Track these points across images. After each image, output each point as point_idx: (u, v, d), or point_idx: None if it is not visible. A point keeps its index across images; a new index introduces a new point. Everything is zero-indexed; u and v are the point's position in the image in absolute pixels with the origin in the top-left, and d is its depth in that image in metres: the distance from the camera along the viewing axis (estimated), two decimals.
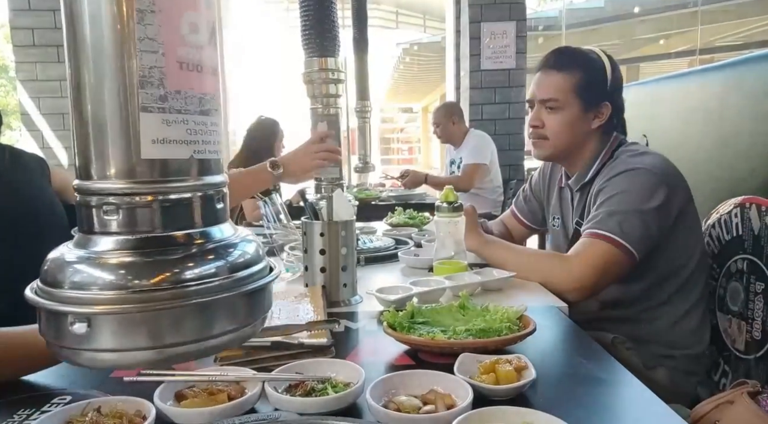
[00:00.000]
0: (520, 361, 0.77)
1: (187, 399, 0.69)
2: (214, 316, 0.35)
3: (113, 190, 0.34)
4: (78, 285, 0.34)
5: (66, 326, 0.33)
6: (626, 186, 1.25)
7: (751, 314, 1.26)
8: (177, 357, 0.35)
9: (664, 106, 1.80)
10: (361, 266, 1.52)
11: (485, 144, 3.57)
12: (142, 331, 0.33)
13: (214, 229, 0.38)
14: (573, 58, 1.37)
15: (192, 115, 0.36)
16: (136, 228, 0.35)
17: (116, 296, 0.33)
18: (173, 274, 0.34)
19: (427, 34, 11.24)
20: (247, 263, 0.38)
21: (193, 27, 0.35)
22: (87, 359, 0.34)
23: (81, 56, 0.34)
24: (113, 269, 0.34)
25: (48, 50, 3.63)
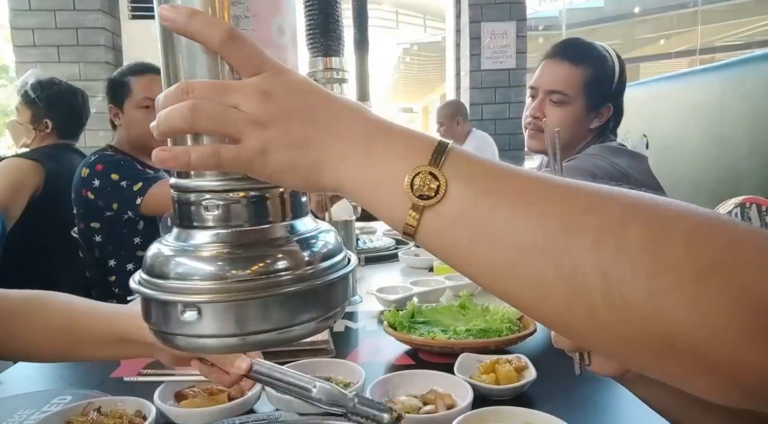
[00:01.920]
0: (520, 361, 0.77)
1: (187, 399, 0.69)
2: (301, 304, 0.37)
3: (211, 187, 0.37)
4: (182, 276, 0.36)
5: (176, 314, 0.35)
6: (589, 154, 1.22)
7: None
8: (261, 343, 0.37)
9: (664, 106, 1.79)
10: (361, 266, 1.52)
11: (486, 146, 3.57)
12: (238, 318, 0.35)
13: (299, 222, 0.40)
14: (586, 51, 1.32)
15: None
16: (230, 222, 0.37)
17: (218, 285, 0.35)
18: (266, 265, 0.36)
19: (428, 34, 11.24)
20: (329, 253, 0.40)
21: (280, 30, 0.38)
22: (191, 344, 0.36)
23: (178, 62, 0.36)
24: (213, 260, 0.36)
25: (48, 50, 3.62)
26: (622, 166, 1.18)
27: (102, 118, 1.87)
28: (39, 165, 1.80)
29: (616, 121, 1.39)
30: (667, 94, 1.82)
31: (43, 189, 1.80)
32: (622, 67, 1.33)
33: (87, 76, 3.57)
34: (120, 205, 1.64)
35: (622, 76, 1.33)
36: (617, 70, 1.32)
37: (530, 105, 1.37)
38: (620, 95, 1.35)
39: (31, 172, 1.79)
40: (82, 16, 3.59)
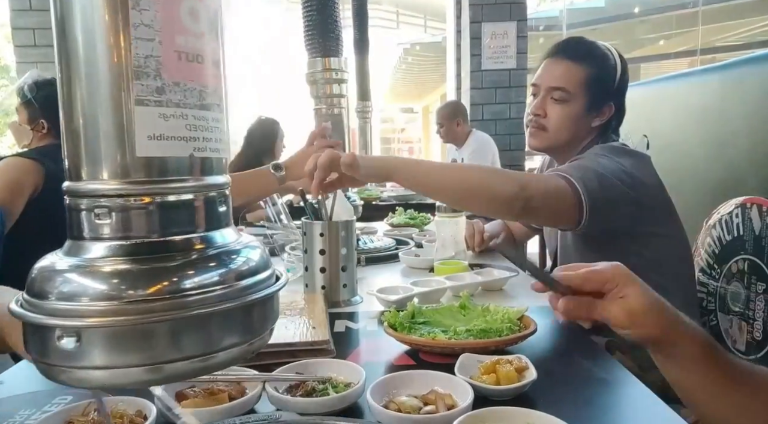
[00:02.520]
0: (520, 361, 0.77)
1: (188, 399, 0.69)
2: (216, 329, 0.32)
3: (105, 191, 0.31)
4: (67, 296, 0.30)
5: (53, 341, 0.30)
6: (593, 153, 1.23)
7: (752, 314, 1.25)
8: (176, 375, 0.32)
9: (664, 106, 1.79)
10: (362, 266, 1.52)
11: (487, 147, 3.58)
12: (138, 346, 0.30)
13: (216, 233, 0.35)
14: (588, 50, 1.33)
15: (191, 109, 0.33)
16: (131, 233, 0.32)
17: (109, 307, 0.30)
18: (171, 283, 0.31)
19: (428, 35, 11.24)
20: (252, 270, 0.35)
21: (194, 14, 0.32)
22: (76, 378, 0.31)
23: (71, 45, 0.31)
24: (105, 277, 0.31)
25: (49, 51, 3.62)
26: (626, 166, 1.18)
27: None
28: (38, 164, 1.80)
29: (618, 121, 1.38)
30: (667, 95, 1.82)
31: (42, 188, 1.81)
32: (624, 66, 1.33)
33: None
34: None
35: (624, 75, 1.33)
36: (619, 69, 1.32)
37: (531, 103, 1.37)
38: (622, 94, 1.35)
39: (31, 171, 1.79)
40: None
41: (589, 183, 1.12)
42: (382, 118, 20.82)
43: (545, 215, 1.21)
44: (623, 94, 1.36)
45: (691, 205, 1.51)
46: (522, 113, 4.37)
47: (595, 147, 1.30)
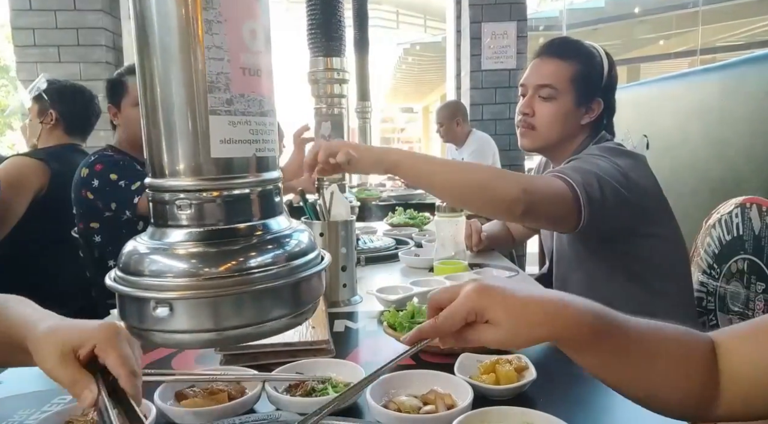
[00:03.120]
0: (520, 361, 0.77)
1: (188, 399, 0.69)
2: (271, 301, 0.38)
3: (185, 187, 0.37)
4: (157, 273, 0.37)
5: (149, 311, 0.36)
6: (590, 154, 1.23)
7: (752, 314, 1.25)
8: (237, 339, 0.38)
9: (664, 106, 1.79)
10: (362, 266, 1.52)
11: (488, 147, 3.57)
12: (212, 314, 0.37)
13: (272, 221, 0.41)
14: (573, 48, 1.34)
15: (254, 116, 0.38)
16: (204, 221, 0.38)
17: (191, 282, 0.36)
18: (238, 262, 0.37)
19: (428, 35, 11.24)
20: (302, 251, 0.41)
21: (253, 34, 0.38)
22: (165, 339, 0.37)
23: (152, 64, 0.36)
24: (186, 258, 0.37)
25: (49, 50, 3.62)
26: (623, 167, 1.18)
27: (103, 118, 1.88)
28: (44, 164, 1.80)
29: (609, 119, 1.38)
30: (667, 95, 1.82)
31: (47, 189, 1.81)
32: (611, 63, 1.34)
33: (87, 76, 3.57)
34: (118, 205, 1.64)
35: (611, 72, 1.34)
36: (606, 66, 1.33)
37: (520, 103, 1.38)
38: (610, 92, 1.35)
39: (36, 171, 1.79)
40: (82, 16, 3.59)
41: (589, 187, 1.12)
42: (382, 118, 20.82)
43: (545, 218, 1.21)
44: (612, 92, 1.36)
45: (690, 205, 1.51)
46: None
47: (591, 147, 1.29)
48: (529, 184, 1.11)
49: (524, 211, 1.09)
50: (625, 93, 2.04)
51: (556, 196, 1.12)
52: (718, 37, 8.87)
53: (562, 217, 1.15)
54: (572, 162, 1.22)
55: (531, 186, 1.11)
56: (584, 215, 1.12)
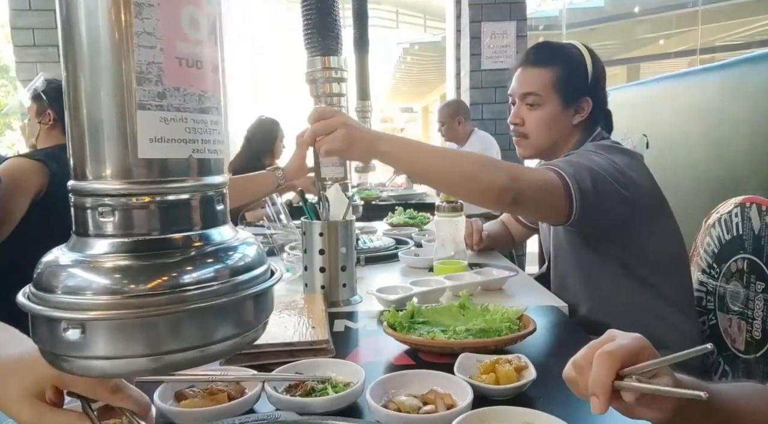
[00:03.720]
0: (520, 361, 0.77)
1: (187, 399, 0.69)
2: (213, 321, 0.34)
3: (109, 191, 0.33)
4: (72, 290, 0.32)
5: (59, 333, 0.32)
6: (586, 150, 1.24)
7: (751, 313, 1.26)
8: (175, 365, 0.33)
9: (664, 106, 1.79)
10: (361, 265, 1.52)
11: (490, 147, 3.57)
12: (139, 337, 0.32)
13: (214, 231, 0.36)
14: (552, 53, 1.35)
15: (191, 113, 0.34)
16: (133, 230, 0.33)
17: (111, 301, 0.31)
18: (171, 278, 0.33)
19: (428, 34, 11.24)
20: (247, 266, 0.36)
21: (194, 22, 0.34)
22: (80, 367, 0.33)
23: (76, 51, 0.32)
24: (108, 272, 0.32)
25: (48, 50, 3.62)
26: (620, 164, 1.18)
27: None
28: (43, 165, 1.80)
29: (601, 112, 1.39)
30: (667, 94, 1.82)
31: (47, 190, 1.81)
32: (594, 59, 1.35)
33: None
34: None
35: (596, 67, 1.34)
36: (589, 64, 1.33)
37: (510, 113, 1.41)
38: (598, 88, 1.36)
39: (34, 172, 1.79)
40: None
41: (580, 179, 1.12)
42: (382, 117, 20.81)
43: (534, 208, 1.21)
44: (599, 88, 1.36)
45: (690, 204, 1.51)
46: None
47: (587, 144, 1.30)
48: (518, 173, 1.11)
49: (513, 199, 1.09)
50: (624, 93, 2.03)
51: (546, 185, 1.12)
52: (718, 36, 8.86)
53: (552, 207, 1.15)
54: (567, 157, 1.23)
55: (520, 175, 1.11)
56: (575, 206, 1.12)
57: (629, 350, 0.54)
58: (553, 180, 1.12)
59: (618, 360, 0.53)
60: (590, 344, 0.57)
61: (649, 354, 0.55)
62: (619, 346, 0.54)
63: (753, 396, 0.61)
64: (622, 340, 0.55)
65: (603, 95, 1.38)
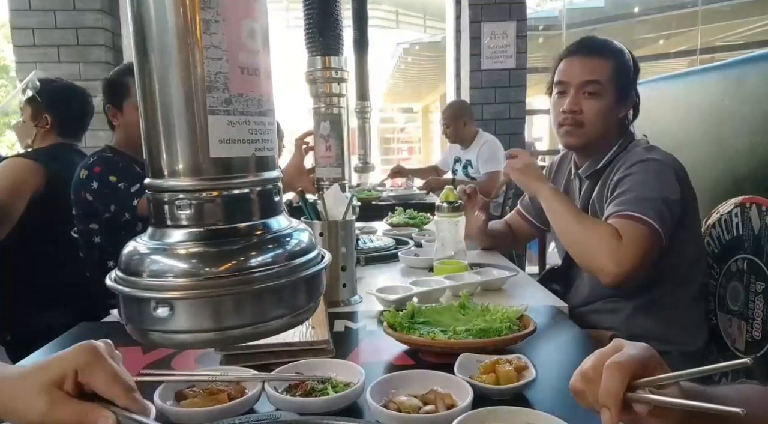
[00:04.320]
0: (520, 361, 0.77)
1: (187, 399, 0.69)
2: (272, 301, 0.38)
3: (184, 187, 0.37)
4: (157, 273, 0.37)
5: (149, 311, 0.36)
6: (647, 176, 1.24)
7: (752, 313, 1.25)
8: (239, 338, 0.38)
9: (664, 106, 1.79)
10: (361, 266, 1.52)
11: (499, 150, 3.58)
12: (212, 313, 0.36)
13: (272, 220, 0.40)
14: (607, 46, 1.37)
15: (253, 116, 0.38)
16: (204, 221, 0.38)
17: (191, 282, 0.36)
18: (239, 262, 0.37)
19: (428, 34, 11.23)
20: (302, 250, 0.41)
21: (252, 34, 0.37)
22: (166, 339, 0.37)
23: (150, 64, 0.36)
24: (186, 258, 0.37)
25: (48, 50, 3.62)
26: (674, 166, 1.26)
27: (102, 118, 1.87)
28: (40, 165, 1.80)
29: (636, 112, 1.43)
30: (667, 94, 1.81)
31: (44, 189, 1.80)
32: (635, 60, 1.39)
33: (87, 76, 3.57)
34: (117, 206, 1.64)
35: (636, 68, 1.38)
36: (632, 63, 1.37)
37: (558, 101, 1.38)
38: (636, 88, 1.40)
39: (32, 172, 1.79)
40: (82, 16, 3.58)
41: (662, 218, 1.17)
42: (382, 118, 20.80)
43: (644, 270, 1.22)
44: (636, 88, 1.40)
45: None
46: (522, 113, 4.37)
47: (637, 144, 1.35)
48: (628, 261, 1.15)
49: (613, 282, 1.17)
50: None
51: (649, 250, 1.17)
52: (718, 36, 8.86)
53: (653, 256, 1.19)
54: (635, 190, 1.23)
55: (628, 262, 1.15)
56: (665, 240, 1.18)
57: (639, 361, 0.53)
58: (648, 237, 1.16)
59: (629, 371, 0.52)
60: (598, 354, 0.56)
61: (657, 364, 0.54)
62: (629, 356, 0.53)
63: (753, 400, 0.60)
64: (630, 350, 0.54)
65: (638, 97, 1.41)
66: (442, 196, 1.37)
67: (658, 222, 1.16)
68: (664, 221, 1.16)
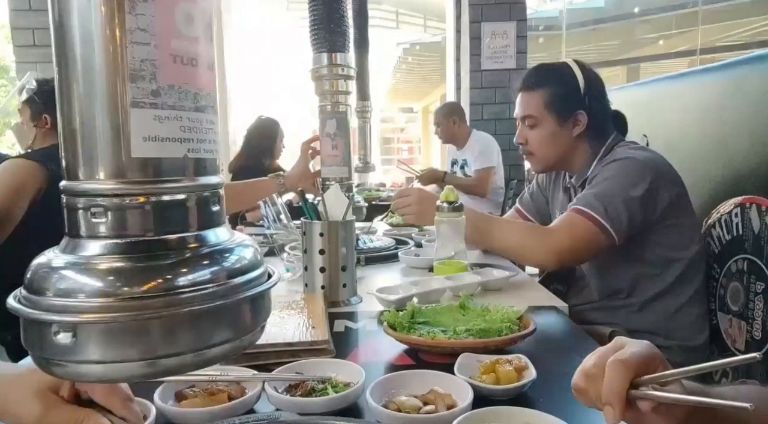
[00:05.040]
0: (520, 361, 0.77)
1: (187, 399, 0.69)
2: (210, 325, 0.33)
3: (102, 191, 0.32)
4: (63, 292, 0.31)
5: (50, 336, 0.31)
6: (615, 172, 1.31)
7: (751, 314, 1.25)
8: (170, 370, 0.32)
9: (664, 106, 1.79)
10: (362, 266, 1.52)
11: (492, 147, 3.57)
12: (132, 341, 0.31)
13: (209, 232, 0.35)
14: (544, 76, 1.46)
15: (186, 111, 0.33)
16: (126, 231, 0.32)
17: (104, 303, 0.30)
18: (165, 280, 0.32)
19: (428, 34, 11.23)
20: (244, 268, 0.35)
21: (189, 18, 0.33)
22: (72, 371, 0.32)
23: (67, 48, 0.32)
24: (101, 274, 0.31)
25: (48, 51, 3.59)
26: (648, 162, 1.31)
27: None
28: (41, 166, 1.80)
29: (603, 120, 1.45)
30: (667, 94, 1.81)
31: (46, 190, 1.80)
32: (586, 73, 1.43)
33: None
34: None
35: (589, 81, 1.42)
36: (581, 79, 1.42)
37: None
38: (593, 98, 1.43)
39: (33, 172, 1.79)
40: None
41: (612, 213, 1.25)
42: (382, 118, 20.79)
43: (585, 257, 1.38)
44: (595, 97, 1.43)
45: None
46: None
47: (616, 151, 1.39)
48: (558, 245, 1.28)
49: (558, 268, 1.37)
50: (624, 93, 2.03)
51: (586, 241, 1.27)
52: (718, 36, 8.86)
53: (599, 248, 1.29)
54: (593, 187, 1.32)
55: (559, 246, 1.28)
56: (616, 237, 1.26)
57: (642, 358, 0.53)
58: (588, 229, 1.26)
59: (632, 369, 0.52)
60: (599, 353, 0.56)
61: (659, 362, 0.54)
62: (632, 353, 0.53)
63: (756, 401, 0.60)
64: (633, 347, 0.54)
65: (601, 104, 1.45)
66: (442, 196, 1.37)
67: (604, 217, 1.24)
68: (616, 216, 1.24)
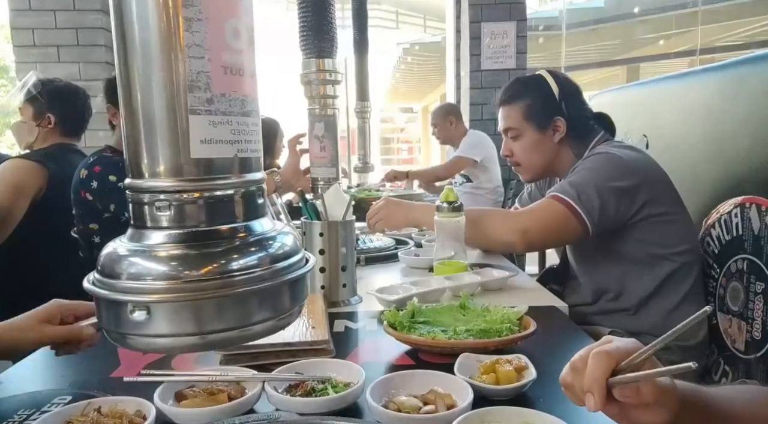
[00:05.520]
0: (520, 361, 0.77)
1: (187, 399, 0.69)
2: (255, 304, 0.38)
3: (164, 188, 0.37)
4: (135, 276, 0.36)
5: (126, 315, 0.36)
6: (591, 165, 1.34)
7: (751, 314, 1.25)
8: (219, 343, 0.38)
9: (664, 106, 1.79)
10: (362, 266, 1.52)
11: (480, 142, 3.57)
12: (192, 317, 0.36)
13: (255, 223, 0.40)
14: (520, 88, 1.51)
15: (235, 116, 0.38)
16: (185, 223, 0.37)
17: (170, 285, 0.35)
18: (220, 265, 0.36)
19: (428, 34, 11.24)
20: (286, 254, 0.40)
21: (235, 32, 0.37)
22: (145, 343, 0.37)
23: (131, 63, 0.35)
24: (166, 260, 0.36)
25: (48, 51, 3.62)
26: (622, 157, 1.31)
27: (102, 118, 1.87)
28: (42, 166, 1.80)
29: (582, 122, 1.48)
30: (667, 94, 1.81)
31: (46, 190, 1.80)
32: (560, 81, 1.48)
33: (87, 76, 3.57)
34: (117, 206, 1.64)
35: (563, 88, 1.47)
36: (554, 87, 1.46)
37: None
38: (569, 103, 1.47)
39: (34, 173, 1.79)
40: (82, 16, 3.59)
41: (584, 198, 1.26)
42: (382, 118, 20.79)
43: (555, 242, 1.43)
44: (571, 102, 1.47)
45: (690, 204, 1.51)
46: None
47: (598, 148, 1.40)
48: (526, 224, 1.31)
49: (526, 247, 1.35)
50: (624, 93, 2.03)
51: (555, 220, 1.29)
52: (718, 36, 8.86)
53: (569, 233, 1.30)
54: (571, 176, 1.35)
55: (528, 225, 1.30)
56: (589, 223, 1.26)
57: (625, 352, 0.54)
58: (560, 212, 1.27)
59: (613, 359, 0.53)
60: (587, 348, 0.57)
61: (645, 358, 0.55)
62: (616, 347, 0.55)
63: (753, 400, 0.61)
64: (618, 342, 0.56)
65: (578, 108, 1.48)
66: (442, 196, 1.37)
67: (575, 199, 1.26)
68: (588, 202, 1.26)
